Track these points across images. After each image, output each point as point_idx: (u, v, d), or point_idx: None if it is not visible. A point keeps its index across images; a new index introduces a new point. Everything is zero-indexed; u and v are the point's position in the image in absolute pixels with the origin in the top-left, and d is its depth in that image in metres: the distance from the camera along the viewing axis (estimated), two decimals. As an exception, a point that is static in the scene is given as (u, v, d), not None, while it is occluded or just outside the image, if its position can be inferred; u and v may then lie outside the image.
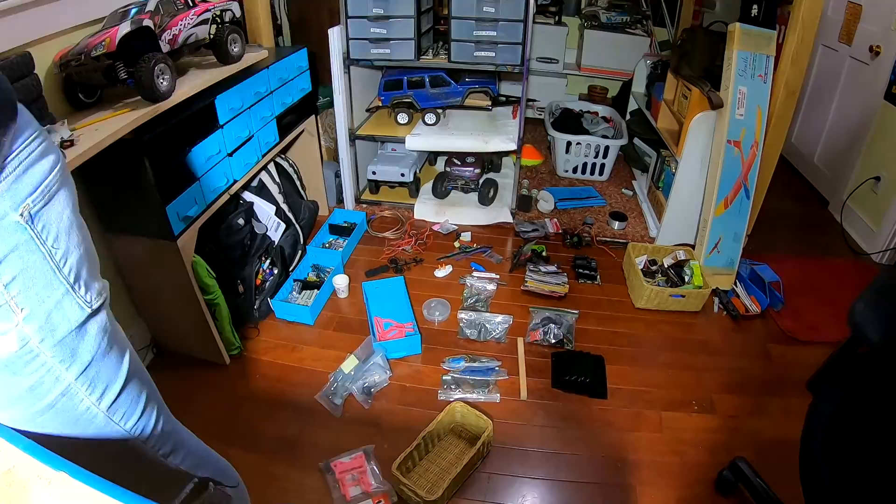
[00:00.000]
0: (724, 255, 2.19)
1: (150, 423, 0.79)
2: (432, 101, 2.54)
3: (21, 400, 0.61)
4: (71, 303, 0.62)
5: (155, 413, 0.80)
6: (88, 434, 0.69)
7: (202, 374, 1.79)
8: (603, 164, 3.00)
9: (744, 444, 1.58)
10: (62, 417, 0.65)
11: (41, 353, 0.60)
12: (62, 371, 0.62)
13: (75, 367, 0.64)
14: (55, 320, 0.60)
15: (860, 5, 2.63)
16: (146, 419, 0.78)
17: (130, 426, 0.75)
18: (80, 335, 0.64)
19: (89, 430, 0.69)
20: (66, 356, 0.62)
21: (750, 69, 2.00)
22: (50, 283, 0.59)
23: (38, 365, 0.60)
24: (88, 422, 0.68)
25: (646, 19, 3.47)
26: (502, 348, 1.92)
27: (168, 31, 1.46)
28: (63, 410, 0.64)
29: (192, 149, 1.54)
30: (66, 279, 0.61)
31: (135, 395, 0.75)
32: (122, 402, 0.72)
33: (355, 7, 2.24)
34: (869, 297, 1.01)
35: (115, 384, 0.70)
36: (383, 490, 1.42)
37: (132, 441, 0.76)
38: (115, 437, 0.73)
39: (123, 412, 0.73)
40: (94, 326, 0.66)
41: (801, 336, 1.99)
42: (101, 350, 0.67)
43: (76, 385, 0.64)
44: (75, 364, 0.64)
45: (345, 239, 2.44)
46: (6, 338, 0.57)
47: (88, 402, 0.67)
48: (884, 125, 2.51)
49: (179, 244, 1.52)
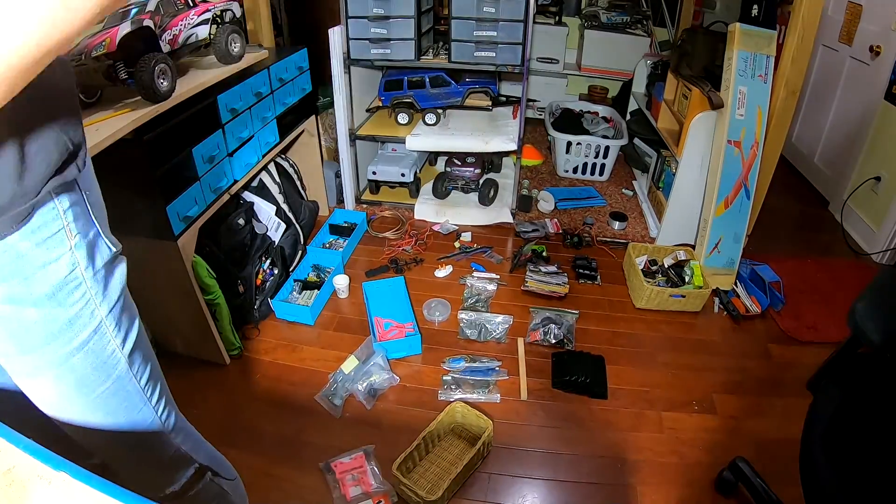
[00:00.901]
0: (725, 256, 2.19)
1: (157, 384, 0.82)
2: (432, 101, 2.54)
3: (60, 335, 0.65)
4: (101, 241, 0.68)
5: (159, 388, 0.83)
6: (109, 384, 0.73)
7: (202, 375, 1.79)
8: (603, 164, 3.00)
9: (744, 444, 1.58)
10: (91, 359, 0.69)
11: (83, 282, 0.65)
12: (97, 305, 0.67)
13: (106, 302, 0.69)
14: (94, 252, 0.66)
15: (860, 5, 2.63)
16: (155, 377, 0.81)
17: (144, 383, 0.78)
18: (111, 272, 0.70)
19: (111, 377, 0.73)
20: (100, 289, 0.68)
21: (750, 69, 2.00)
22: (87, 220, 0.66)
23: (79, 295, 0.65)
24: (112, 367, 0.72)
25: (646, 19, 3.47)
26: (502, 348, 1.92)
27: (168, 31, 1.46)
28: (93, 350, 0.69)
29: (192, 149, 1.54)
30: (96, 219, 0.68)
31: (146, 349, 0.79)
32: (138, 355, 0.76)
33: (355, 7, 2.24)
34: (869, 298, 1.01)
35: (133, 333, 0.75)
36: (383, 490, 1.42)
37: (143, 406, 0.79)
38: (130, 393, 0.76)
39: (139, 366, 0.77)
40: (118, 269, 0.72)
41: (802, 336, 1.99)
42: (124, 294, 0.73)
43: (106, 322, 0.69)
44: (106, 300, 0.69)
45: (345, 239, 2.44)
46: (58, 263, 0.62)
47: (114, 345, 0.71)
48: (884, 125, 2.51)
49: (180, 244, 1.52)
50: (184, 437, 0.90)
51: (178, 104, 1.48)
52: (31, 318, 0.62)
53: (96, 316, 0.68)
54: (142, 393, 0.78)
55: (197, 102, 1.56)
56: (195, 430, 0.95)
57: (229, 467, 1.04)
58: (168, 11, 1.47)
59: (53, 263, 0.61)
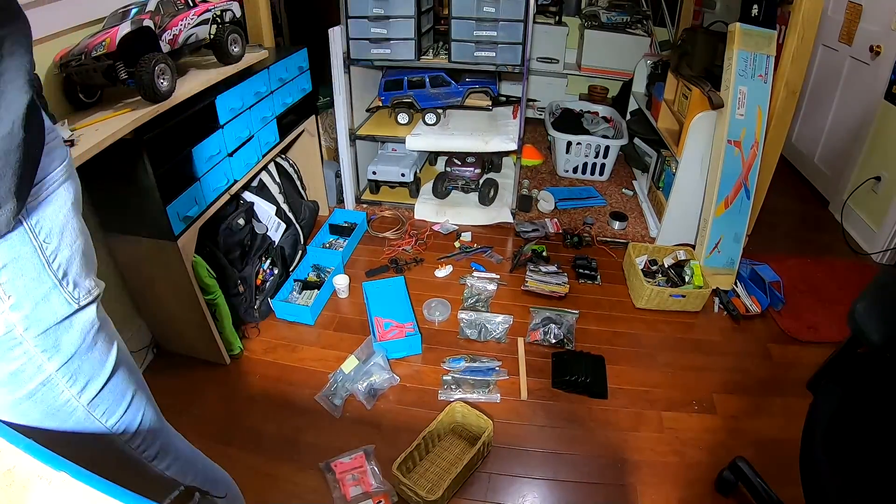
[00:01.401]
0: (725, 255, 2.19)
1: (135, 422, 0.78)
2: (432, 101, 2.54)
3: (3, 384, 0.62)
4: (58, 297, 0.63)
5: (141, 412, 0.79)
6: (68, 427, 0.69)
7: (202, 375, 1.79)
8: (603, 164, 3.00)
9: (744, 443, 1.58)
10: (42, 407, 0.66)
11: (24, 342, 0.61)
12: (44, 361, 0.63)
13: (57, 358, 0.64)
14: (41, 312, 0.61)
15: (860, 5, 2.63)
16: (130, 417, 0.77)
17: (112, 423, 0.74)
18: (65, 329, 0.65)
19: (69, 423, 0.69)
20: (49, 347, 0.63)
21: (750, 69, 2.00)
22: (39, 275, 0.60)
23: (20, 352, 0.61)
24: (68, 414, 0.69)
25: (646, 19, 3.47)
26: (502, 348, 1.92)
27: (168, 31, 1.46)
28: (42, 400, 0.65)
29: (192, 149, 1.54)
30: (54, 274, 0.62)
31: (119, 392, 0.75)
32: (104, 399, 0.72)
33: (355, 7, 2.24)
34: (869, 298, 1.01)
35: (98, 379, 0.71)
36: (384, 490, 1.42)
37: (114, 439, 0.76)
38: (94, 432, 0.73)
39: (105, 408, 0.73)
40: (80, 321, 0.66)
41: (802, 336, 1.99)
42: (86, 345, 0.68)
43: (57, 376, 0.65)
44: (57, 356, 0.64)
45: (345, 239, 2.44)
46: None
47: (69, 395, 0.67)
48: (884, 125, 2.50)
49: (180, 244, 1.52)
50: (171, 460, 0.86)
51: (178, 104, 1.48)
52: None
53: (44, 370, 0.64)
54: (109, 431, 0.74)
55: (197, 102, 1.56)
56: (187, 447, 0.92)
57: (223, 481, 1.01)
58: (168, 11, 1.47)
59: None
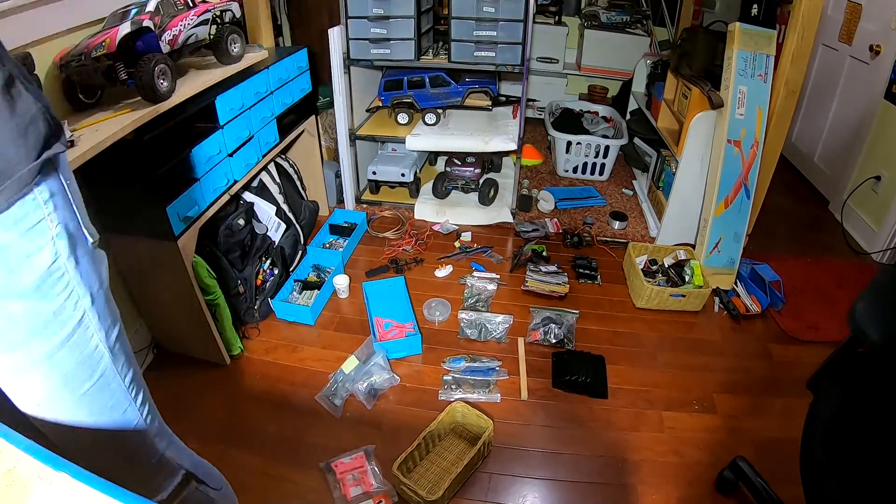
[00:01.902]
0: (725, 255, 2.19)
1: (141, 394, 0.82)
2: (432, 101, 2.54)
3: (44, 329, 0.65)
4: (81, 232, 0.68)
5: (143, 390, 0.82)
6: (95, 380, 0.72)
7: (202, 375, 1.79)
8: (603, 163, 3.00)
9: (744, 443, 1.58)
10: (76, 353, 0.69)
11: (66, 272, 0.65)
12: (80, 296, 0.68)
13: (88, 294, 0.69)
14: (76, 242, 0.67)
15: (860, 5, 2.63)
16: (137, 386, 0.81)
17: (128, 383, 0.78)
18: (92, 262, 0.70)
19: (97, 373, 0.72)
20: (82, 280, 0.68)
21: (750, 69, 2.00)
22: (69, 209, 0.66)
23: (63, 286, 0.65)
24: (97, 362, 0.72)
25: (646, 19, 3.47)
26: (503, 348, 1.92)
27: (168, 32, 1.46)
28: (77, 344, 0.69)
29: (192, 149, 1.54)
30: (77, 210, 0.68)
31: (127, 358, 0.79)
32: (121, 354, 0.76)
33: (355, 7, 2.24)
34: (869, 297, 1.01)
35: (115, 329, 0.75)
36: (384, 490, 1.42)
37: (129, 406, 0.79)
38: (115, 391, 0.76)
39: (122, 364, 0.77)
40: (99, 260, 0.72)
41: (802, 336, 1.99)
42: (105, 286, 0.73)
43: (89, 314, 0.69)
44: (88, 291, 0.69)
45: (345, 239, 2.44)
46: (41, 254, 0.62)
47: (98, 339, 0.71)
48: (884, 124, 2.50)
49: (180, 244, 1.52)
50: (168, 442, 0.89)
51: (178, 104, 1.48)
52: (16, 312, 0.62)
53: (80, 307, 0.68)
54: (127, 392, 0.78)
55: (197, 103, 1.56)
56: (178, 438, 0.94)
57: (217, 476, 1.03)
58: (168, 12, 1.47)
59: (36, 254, 0.61)
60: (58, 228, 0.63)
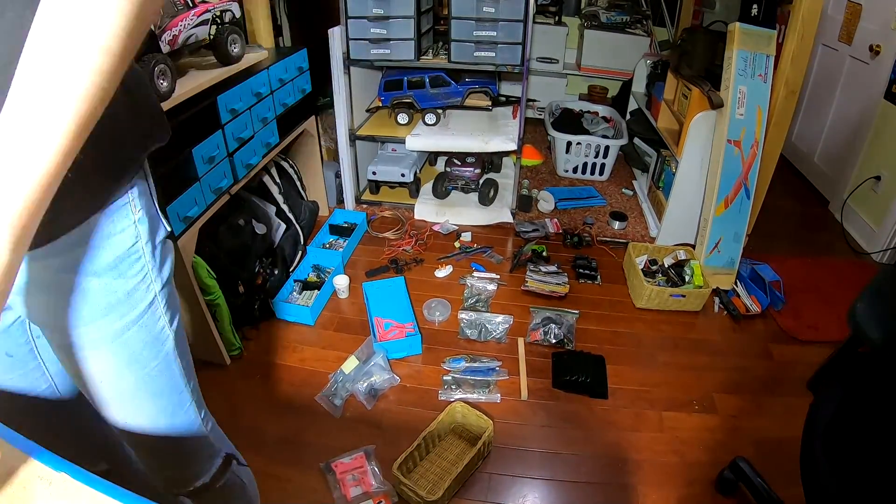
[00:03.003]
0: (725, 255, 2.19)
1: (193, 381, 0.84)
2: (432, 101, 2.54)
3: (117, 307, 0.66)
4: (158, 221, 0.71)
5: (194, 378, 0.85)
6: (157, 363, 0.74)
7: (202, 375, 1.75)
8: (603, 163, 3.00)
9: (744, 443, 1.58)
10: (143, 334, 0.71)
11: (143, 256, 0.67)
12: (153, 279, 0.69)
13: (159, 279, 0.71)
14: (154, 229, 0.69)
15: (860, 5, 2.63)
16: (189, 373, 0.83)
17: (184, 367, 0.80)
18: (165, 251, 0.72)
19: (160, 355, 0.74)
20: (157, 265, 0.70)
21: (750, 69, 2.00)
22: (149, 198, 0.68)
23: (139, 268, 0.67)
24: (161, 343, 0.74)
25: (646, 19, 3.47)
26: (503, 348, 1.92)
27: (168, 32, 1.46)
28: (146, 325, 0.70)
29: (192, 149, 1.54)
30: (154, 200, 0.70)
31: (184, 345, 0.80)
32: (181, 340, 0.78)
33: (355, 7, 2.24)
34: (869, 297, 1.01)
35: (177, 317, 0.77)
36: (384, 490, 1.42)
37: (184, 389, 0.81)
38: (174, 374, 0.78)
39: (181, 350, 0.78)
40: (170, 250, 0.74)
41: (802, 335, 1.99)
42: (172, 275, 0.74)
43: (159, 298, 0.71)
44: (160, 276, 0.71)
45: (345, 239, 2.44)
46: (123, 235, 0.64)
47: (164, 322, 0.73)
48: (884, 124, 2.51)
49: (180, 245, 1.52)
50: (212, 426, 0.92)
51: (178, 104, 1.48)
52: (93, 288, 0.63)
53: (151, 290, 0.69)
54: (184, 377, 0.80)
55: (197, 103, 1.56)
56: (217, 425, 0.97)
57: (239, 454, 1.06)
58: (167, 12, 1.47)
59: (118, 235, 0.63)
60: (139, 213, 0.65)
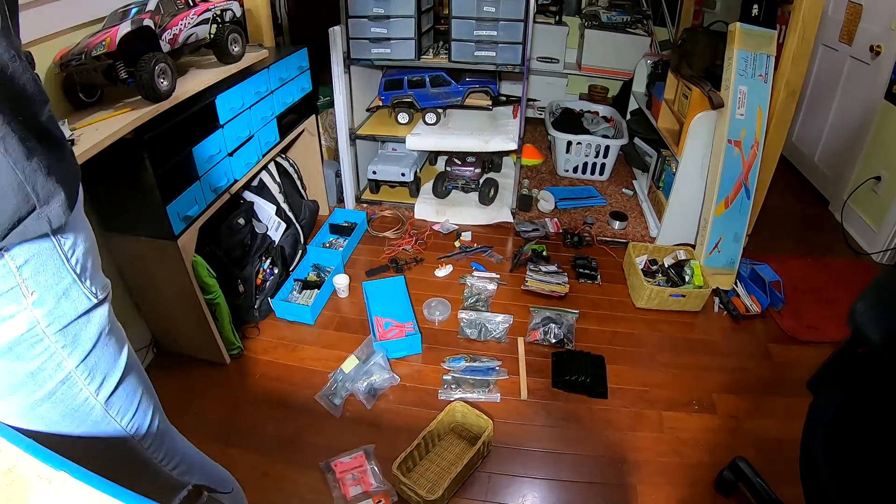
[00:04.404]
0: (725, 255, 2.19)
1: (146, 422, 0.78)
2: (433, 100, 2.54)
3: (22, 387, 0.61)
4: (78, 292, 0.63)
5: (151, 412, 0.80)
6: (84, 429, 0.69)
7: (202, 374, 1.79)
8: (603, 163, 3.00)
9: (744, 443, 1.58)
10: (60, 408, 0.65)
11: (45, 338, 0.61)
12: (64, 357, 0.63)
13: (76, 354, 0.65)
14: (62, 307, 0.62)
15: (860, 5, 2.63)
16: (141, 417, 0.77)
17: (126, 422, 0.74)
18: (84, 324, 0.65)
19: (86, 423, 0.69)
20: (69, 343, 0.63)
21: (750, 69, 2.00)
22: (59, 271, 0.61)
23: (41, 349, 0.61)
24: (86, 414, 0.69)
25: (646, 19, 3.47)
26: (502, 348, 1.92)
27: (168, 31, 1.46)
28: (62, 400, 0.65)
29: (192, 148, 1.54)
30: (73, 269, 0.62)
31: (131, 391, 0.75)
32: (119, 396, 0.72)
33: (356, 7, 2.24)
34: (869, 297, 1.01)
35: (113, 376, 0.71)
36: (384, 490, 1.42)
37: (128, 440, 0.76)
38: (110, 434, 0.73)
39: (120, 407, 0.73)
40: (97, 317, 0.67)
41: (802, 336, 1.99)
42: (102, 340, 0.68)
43: (76, 373, 0.65)
44: (77, 351, 0.65)
45: (345, 238, 2.44)
46: (14, 321, 0.58)
47: (87, 393, 0.67)
48: (884, 125, 2.50)
49: (180, 244, 1.52)
50: (178, 460, 0.87)
51: (178, 104, 1.48)
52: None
53: (64, 367, 0.64)
54: (124, 431, 0.74)
55: (197, 102, 1.56)
56: (191, 448, 0.92)
57: (227, 479, 1.02)
58: (168, 11, 1.47)
59: (8, 321, 0.57)
60: (34, 296, 0.58)
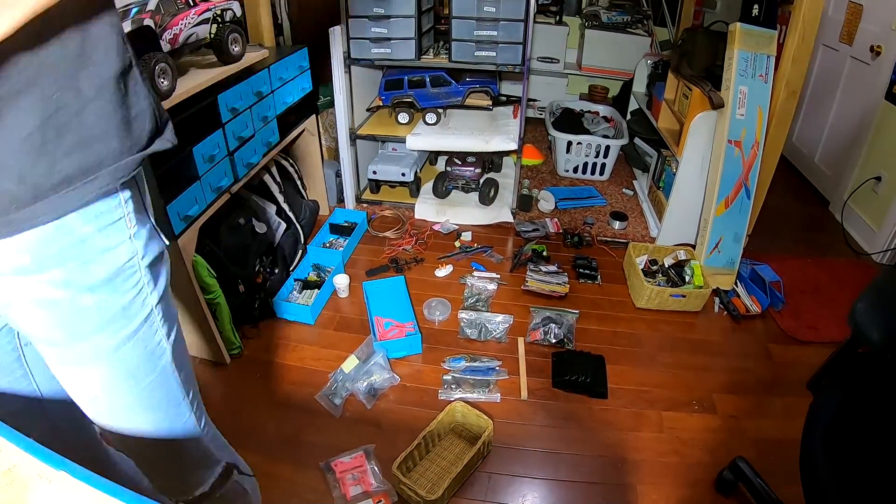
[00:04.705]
0: (725, 255, 2.19)
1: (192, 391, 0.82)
2: (433, 100, 2.54)
3: (113, 322, 0.65)
4: (155, 232, 0.69)
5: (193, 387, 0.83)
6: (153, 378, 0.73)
7: (202, 374, 1.79)
8: (604, 163, 3.00)
9: (744, 443, 1.58)
10: (140, 349, 0.70)
11: (138, 271, 0.66)
12: (148, 293, 0.68)
13: (156, 293, 0.70)
14: (151, 243, 0.68)
15: (861, 5, 2.63)
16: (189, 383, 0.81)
17: (182, 380, 0.78)
18: (162, 263, 0.71)
19: (156, 370, 0.73)
20: (152, 279, 0.69)
21: (751, 69, 2.00)
22: (143, 213, 0.67)
23: (134, 282, 0.66)
24: (158, 357, 0.73)
25: (646, 19, 3.47)
26: (503, 348, 1.92)
27: (169, 31, 1.46)
28: (143, 339, 0.70)
29: (192, 148, 1.54)
30: (149, 212, 0.69)
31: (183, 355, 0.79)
32: (179, 351, 0.77)
33: (356, 6, 2.24)
34: (869, 298, 1.01)
35: (175, 328, 0.76)
36: (384, 490, 1.42)
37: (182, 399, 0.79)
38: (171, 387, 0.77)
39: (179, 361, 0.77)
40: (166, 263, 0.73)
41: (802, 336, 1.99)
42: (168, 288, 0.74)
43: (156, 311, 0.70)
44: (156, 290, 0.70)
45: (345, 238, 2.44)
46: (117, 251, 0.63)
47: (161, 335, 0.72)
48: (884, 125, 2.50)
49: (180, 244, 1.52)
50: (212, 436, 0.91)
51: (179, 103, 1.48)
52: (86, 303, 0.62)
53: (147, 305, 0.69)
54: (182, 388, 0.79)
55: (197, 102, 1.56)
56: (220, 434, 0.96)
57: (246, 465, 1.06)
58: (168, 11, 1.47)
59: (113, 250, 0.62)
60: (135, 228, 0.64)
